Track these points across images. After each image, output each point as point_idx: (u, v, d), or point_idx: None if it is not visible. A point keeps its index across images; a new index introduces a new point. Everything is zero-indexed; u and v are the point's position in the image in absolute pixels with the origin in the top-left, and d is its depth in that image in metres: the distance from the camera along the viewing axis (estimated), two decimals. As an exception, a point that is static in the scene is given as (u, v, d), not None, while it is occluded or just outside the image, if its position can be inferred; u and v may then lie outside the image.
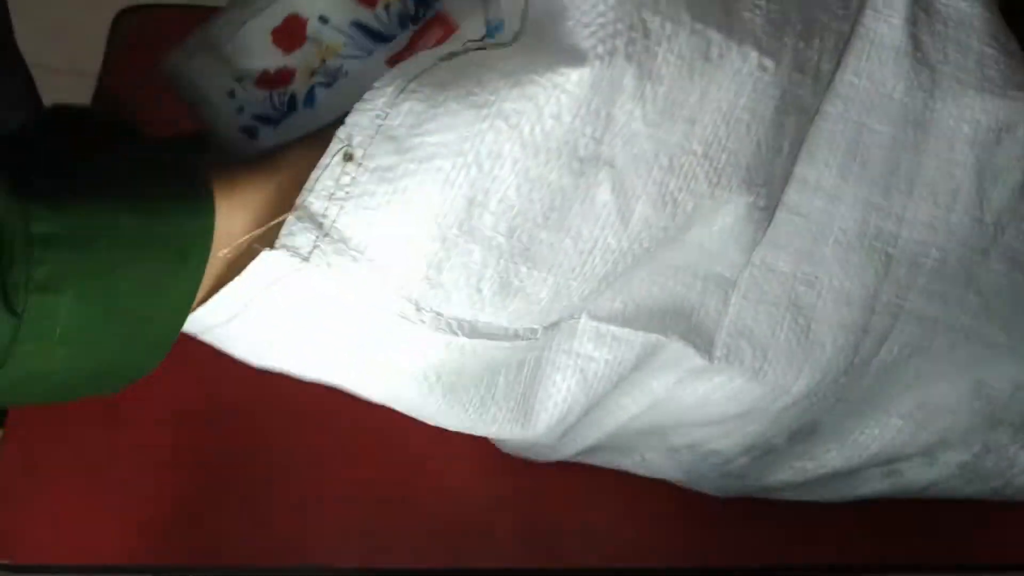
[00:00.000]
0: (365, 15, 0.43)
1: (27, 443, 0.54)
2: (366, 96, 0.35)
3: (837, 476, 0.51)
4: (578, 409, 0.45)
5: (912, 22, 0.45)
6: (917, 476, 0.52)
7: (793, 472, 0.51)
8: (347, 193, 0.34)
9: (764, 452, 0.50)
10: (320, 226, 0.34)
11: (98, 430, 0.56)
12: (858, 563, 0.57)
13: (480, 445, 0.55)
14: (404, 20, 0.44)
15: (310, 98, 0.44)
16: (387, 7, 0.44)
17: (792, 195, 0.44)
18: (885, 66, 0.45)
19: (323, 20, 0.43)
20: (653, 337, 0.43)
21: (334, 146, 0.34)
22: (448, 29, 0.43)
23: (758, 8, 0.39)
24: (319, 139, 0.35)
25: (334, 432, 0.57)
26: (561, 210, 0.37)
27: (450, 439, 0.55)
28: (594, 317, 0.42)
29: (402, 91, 0.35)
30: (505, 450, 0.55)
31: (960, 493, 0.53)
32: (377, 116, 0.35)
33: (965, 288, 0.48)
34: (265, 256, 0.34)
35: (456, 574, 0.56)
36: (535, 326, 0.40)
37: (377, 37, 0.44)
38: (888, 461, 0.51)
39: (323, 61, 0.44)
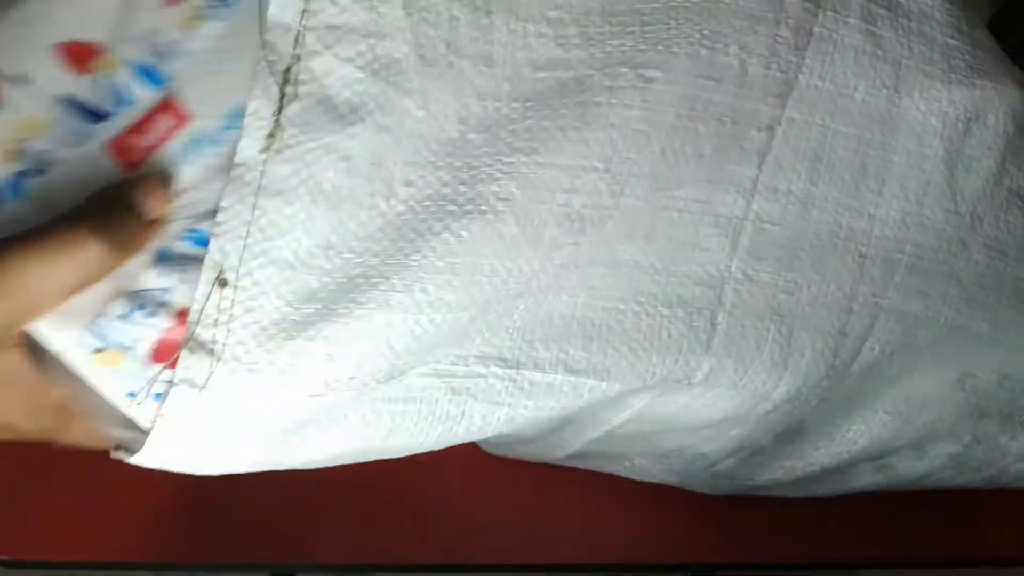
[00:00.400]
0: (75, 84, 0.35)
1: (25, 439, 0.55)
2: (221, 219, 0.35)
3: (828, 472, 0.51)
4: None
5: (870, 21, 0.45)
6: (908, 469, 0.52)
7: (783, 471, 0.51)
8: (230, 315, 0.35)
9: (751, 453, 0.50)
10: (212, 352, 0.35)
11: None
12: (853, 559, 0.57)
13: (474, 444, 0.55)
14: (121, 97, 0.36)
15: (16, 190, 0.35)
16: (99, 76, 0.35)
17: (764, 205, 0.44)
18: (846, 67, 0.44)
19: (22, 81, 0.34)
20: (632, 385, 0.44)
21: (207, 275, 0.35)
22: (180, 117, 0.36)
23: (630, 33, 0.39)
24: (51, 246, 0.32)
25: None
26: (465, 255, 0.38)
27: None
28: (571, 372, 0.43)
29: (255, 208, 0.35)
30: (489, 451, 0.55)
31: (954, 483, 0.53)
32: (239, 238, 0.35)
33: (945, 281, 0.47)
34: (171, 395, 0.35)
35: (449, 571, 0.56)
36: (461, 352, 0.41)
37: (91, 115, 0.35)
38: (877, 456, 0.51)
39: (23, 142, 0.35)
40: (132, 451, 0.37)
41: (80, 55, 0.35)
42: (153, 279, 0.36)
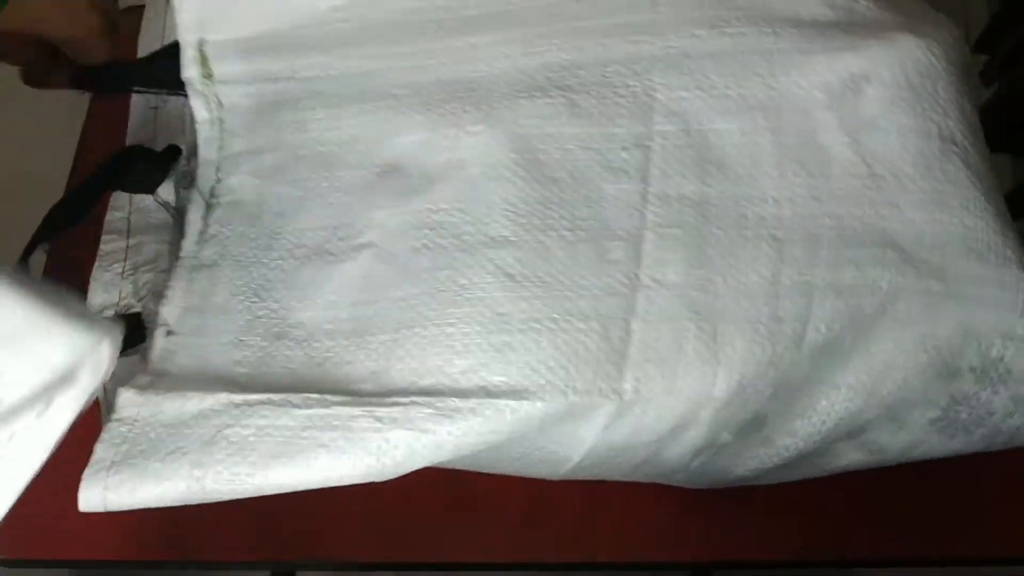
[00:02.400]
0: None
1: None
2: (168, 295, 0.50)
3: (806, 456, 0.50)
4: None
5: (721, 25, 0.47)
6: (891, 441, 0.50)
7: (758, 460, 0.50)
8: (176, 351, 0.49)
9: (716, 450, 0.49)
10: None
11: (96, 422, 0.57)
12: (853, 558, 0.56)
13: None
14: None
15: None
16: None
17: (659, 212, 0.46)
18: (707, 71, 0.46)
19: None
20: (555, 404, 0.45)
21: (159, 331, 0.49)
22: None
23: (459, 99, 0.49)
24: None
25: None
26: (320, 284, 0.48)
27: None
28: (491, 395, 0.44)
29: (191, 280, 0.51)
30: None
31: (947, 449, 0.50)
32: (179, 306, 0.50)
33: (879, 246, 0.46)
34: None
35: (449, 570, 0.56)
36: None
37: None
38: (854, 432, 0.49)
39: None
40: None
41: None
42: None
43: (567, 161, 0.46)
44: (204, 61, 0.51)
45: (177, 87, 0.53)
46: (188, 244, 0.50)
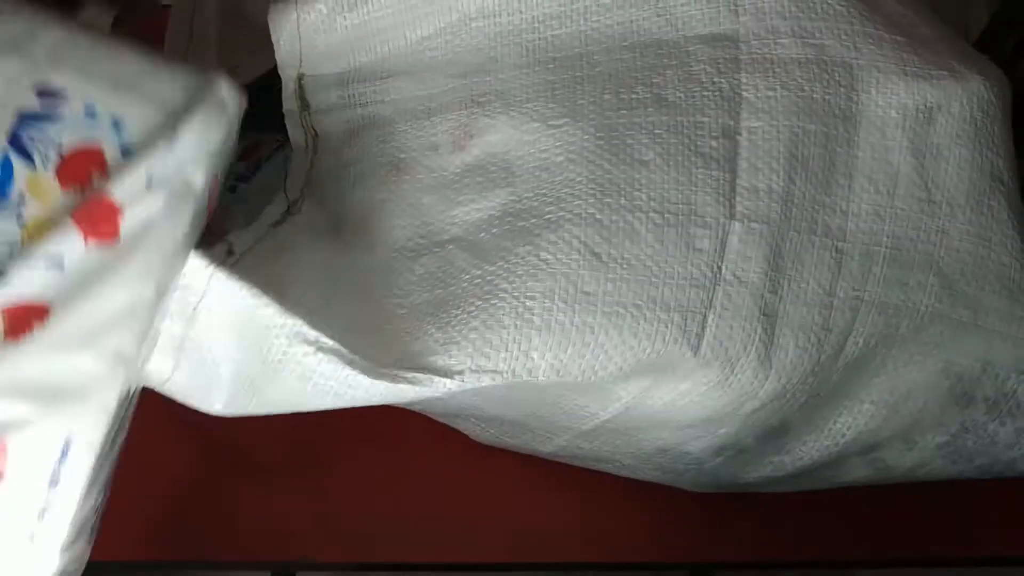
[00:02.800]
0: None
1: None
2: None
3: (817, 467, 0.51)
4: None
5: (806, 35, 0.47)
6: (898, 460, 0.51)
7: (772, 467, 0.51)
8: None
9: (737, 452, 0.50)
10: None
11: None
12: (852, 559, 0.57)
13: (471, 442, 0.55)
14: None
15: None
16: None
17: (747, 204, 0.46)
18: (793, 75, 0.47)
19: None
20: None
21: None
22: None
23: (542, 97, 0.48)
24: None
25: (331, 430, 0.57)
26: (398, 277, 0.47)
27: (443, 437, 0.56)
28: (559, 374, 0.44)
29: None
30: (481, 440, 0.55)
31: (946, 474, 0.52)
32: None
33: (925, 271, 0.48)
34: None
35: (449, 571, 0.56)
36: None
37: None
38: (867, 449, 0.51)
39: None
40: None
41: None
42: None
43: (656, 144, 0.46)
44: (302, 94, 0.52)
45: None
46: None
